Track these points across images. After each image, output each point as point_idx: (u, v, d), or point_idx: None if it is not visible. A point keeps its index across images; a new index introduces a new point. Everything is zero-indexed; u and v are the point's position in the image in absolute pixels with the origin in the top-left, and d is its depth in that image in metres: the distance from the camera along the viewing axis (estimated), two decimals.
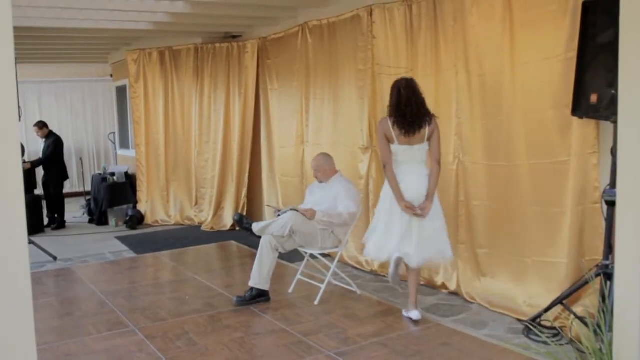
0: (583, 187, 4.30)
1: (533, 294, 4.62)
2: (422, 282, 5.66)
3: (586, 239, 4.35)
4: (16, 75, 2.18)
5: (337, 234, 5.32)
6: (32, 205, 8.67)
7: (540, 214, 4.58)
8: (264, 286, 5.19)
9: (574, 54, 4.12)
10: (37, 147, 10.97)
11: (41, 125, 9.82)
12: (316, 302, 5.18)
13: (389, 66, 5.90)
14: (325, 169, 5.48)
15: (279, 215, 5.35)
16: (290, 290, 5.56)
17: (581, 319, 4.01)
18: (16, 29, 2.18)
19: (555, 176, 4.44)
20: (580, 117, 4.16)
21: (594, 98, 3.96)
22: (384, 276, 5.99)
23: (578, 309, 4.17)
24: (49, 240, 8.36)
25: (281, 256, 5.32)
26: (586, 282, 4.11)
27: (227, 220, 8.85)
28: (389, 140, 4.61)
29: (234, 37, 8.95)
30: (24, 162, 9.52)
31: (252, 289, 5.20)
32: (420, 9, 5.47)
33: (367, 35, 6.12)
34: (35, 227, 8.87)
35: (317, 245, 5.28)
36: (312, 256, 5.58)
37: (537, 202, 4.59)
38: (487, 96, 4.93)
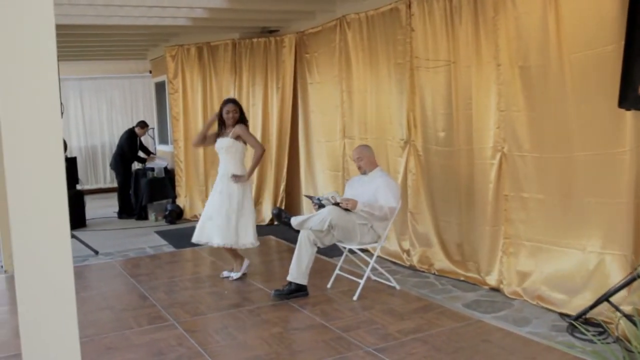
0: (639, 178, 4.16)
1: (581, 289, 4.50)
2: (461, 278, 5.61)
3: None
4: (58, 73, 2.20)
5: (376, 229, 5.28)
6: (74, 200, 8.82)
7: (596, 205, 4.42)
8: (302, 281, 5.19)
9: (622, 43, 3.99)
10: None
11: None
12: (355, 298, 5.15)
13: (427, 59, 5.82)
14: (368, 155, 5.49)
15: (317, 202, 5.34)
16: (328, 286, 5.54)
17: (629, 317, 3.89)
18: (57, 27, 2.19)
19: (611, 167, 4.28)
20: (627, 109, 4.02)
21: None
22: (423, 271, 5.94)
23: (627, 307, 4.04)
24: (90, 234, 8.50)
25: (320, 251, 5.30)
26: (634, 279, 3.99)
27: (266, 214, 8.87)
28: None
29: (272, 31, 8.95)
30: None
31: (290, 283, 5.20)
32: (461, 1, 5.37)
33: (405, 28, 6.04)
34: (76, 221, 9.02)
35: (356, 240, 5.25)
36: (351, 251, 5.54)
37: (593, 193, 4.43)
38: (533, 88, 4.80)
